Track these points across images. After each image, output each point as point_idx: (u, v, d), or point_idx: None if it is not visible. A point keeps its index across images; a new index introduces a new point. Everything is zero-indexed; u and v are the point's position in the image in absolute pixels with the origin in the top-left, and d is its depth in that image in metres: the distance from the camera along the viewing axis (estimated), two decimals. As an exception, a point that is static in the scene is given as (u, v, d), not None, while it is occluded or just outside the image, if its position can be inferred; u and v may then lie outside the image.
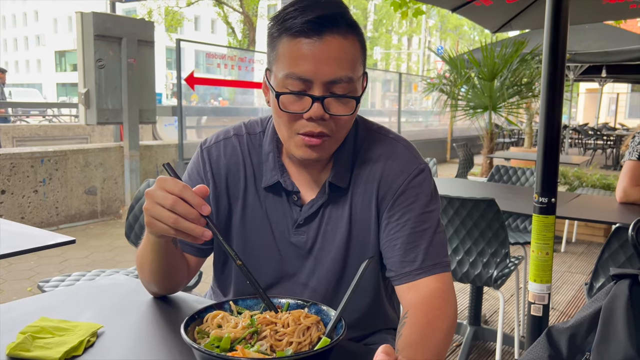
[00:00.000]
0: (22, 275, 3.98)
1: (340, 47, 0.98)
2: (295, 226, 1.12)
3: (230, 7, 23.43)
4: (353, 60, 1.00)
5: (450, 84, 6.70)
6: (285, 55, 0.99)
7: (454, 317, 1.02)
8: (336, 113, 1.00)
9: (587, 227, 5.33)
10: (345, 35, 0.98)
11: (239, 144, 1.15)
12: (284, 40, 0.99)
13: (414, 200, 1.08)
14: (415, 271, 1.04)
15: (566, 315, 3.48)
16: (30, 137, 8.84)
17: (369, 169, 1.11)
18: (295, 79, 0.97)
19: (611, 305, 0.90)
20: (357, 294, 1.13)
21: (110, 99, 5.49)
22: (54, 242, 1.74)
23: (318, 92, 0.98)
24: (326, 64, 0.96)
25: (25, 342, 0.90)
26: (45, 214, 5.29)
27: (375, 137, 1.15)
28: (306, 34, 0.96)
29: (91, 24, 5.22)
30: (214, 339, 0.82)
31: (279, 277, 1.15)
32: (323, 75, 0.97)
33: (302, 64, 0.97)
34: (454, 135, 12.88)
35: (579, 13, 3.34)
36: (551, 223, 1.84)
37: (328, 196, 1.10)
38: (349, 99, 1.00)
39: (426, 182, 1.11)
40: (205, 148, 1.17)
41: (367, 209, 1.10)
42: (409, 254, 1.05)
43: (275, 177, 1.11)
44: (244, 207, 1.14)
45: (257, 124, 1.19)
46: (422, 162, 1.12)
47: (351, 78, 0.99)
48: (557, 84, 1.80)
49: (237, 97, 9.55)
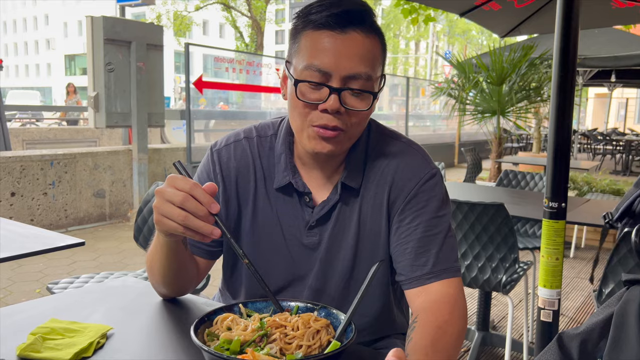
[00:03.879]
0: (31, 277, 4.01)
1: (362, 44, 0.99)
2: (307, 228, 1.12)
3: (238, 11, 23.54)
4: (373, 59, 1.01)
5: (458, 89, 6.69)
6: (307, 46, 1.00)
7: (464, 321, 1.01)
8: (352, 107, 1.00)
9: (597, 233, 5.29)
10: (368, 34, 1.00)
11: (249, 146, 1.16)
12: (307, 32, 1.00)
13: (425, 204, 1.08)
14: (426, 275, 1.04)
15: (575, 321, 3.45)
16: (40, 140, 8.93)
17: (380, 172, 1.11)
18: (315, 70, 0.98)
19: (623, 312, 0.89)
20: (367, 298, 1.13)
21: (120, 103, 5.52)
22: (63, 244, 1.74)
23: (336, 84, 0.98)
24: (347, 58, 0.97)
25: (36, 343, 0.91)
26: (55, 216, 5.33)
27: (388, 140, 1.15)
28: (330, 27, 0.98)
29: (101, 28, 5.26)
30: (224, 342, 0.82)
31: (289, 279, 1.14)
32: (342, 69, 0.98)
33: (323, 56, 0.98)
34: (462, 139, 12.84)
35: (589, 18, 3.32)
36: (561, 228, 1.83)
37: (340, 196, 1.10)
38: (366, 95, 1.01)
39: (437, 186, 1.11)
40: (216, 150, 1.17)
41: (378, 212, 1.10)
42: (419, 258, 1.05)
43: (287, 178, 1.11)
44: (254, 210, 1.13)
45: (268, 126, 1.19)
46: (433, 167, 1.13)
47: (370, 76, 1.00)
48: (567, 88, 1.79)
49: (245, 101, 9.59)
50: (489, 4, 3.34)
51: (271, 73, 8.12)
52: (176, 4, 25.25)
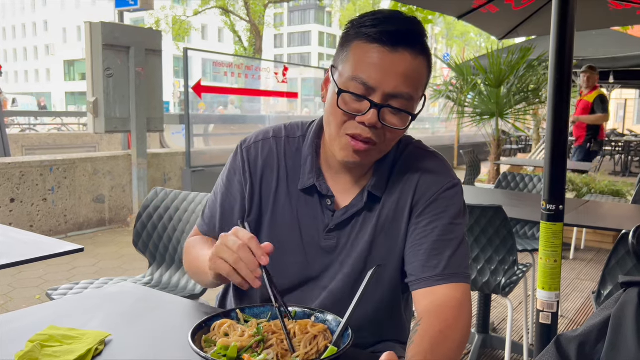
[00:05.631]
0: (31, 284, 4.00)
1: (409, 64, 1.00)
2: (326, 231, 1.13)
3: (237, 15, 23.60)
4: (418, 80, 1.03)
5: (457, 91, 6.70)
6: (356, 57, 1.01)
7: (468, 328, 1.01)
8: (389, 124, 1.02)
9: (596, 234, 5.28)
10: (417, 55, 1.01)
11: (276, 145, 1.18)
12: (359, 42, 1.02)
13: (444, 210, 1.10)
14: (435, 277, 1.05)
15: (575, 323, 3.44)
16: (39, 145, 8.92)
17: (405, 179, 1.13)
18: (360, 83, 1.00)
19: (620, 314, 0.89)
20: (373, 303, 1.13)
21: (119, 108, 5.53)
22: (62, 251, 1.75)
23: (378, 100, 1.00)
24: (392, 76, 0.99)
25: (34, 350, 0.91)
26: (54, 222, 5.33)
27: (415, 150, 1.18)
28: (381, 43, 0.99)
29: (100, 33, 5.27)
30: (221, 348, 0.82)
31: (302, 279, 1.15)
32: (387, 86, 0.99)
33: (369, 71, 0.99)
34: (461, 141, 12.84)
35: (586, 19, 3.33)
36: (559, 230, 1.83)
37: (365, 204, 1.12)
38: (405, 115, 1.03)
39: (458, 196, 1.13)
40: (245, 147, 1.20)
41: (399, 217, 1.12)
42: (432, 259, 1.07)
43: (312, 180, 1.13)
44: (274, 208, 1.16)
45: (297, 127, 1.22)
46: (456, 178, 1.16)
47: (412, 96, 1.02)
48: (564, 90, 1.80)
49: (245, 105, 9.59)
50: (486, 6, 3.35)
51: (270, 77, 8.13)
52: (175, 9, 25.32)
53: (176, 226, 2.32)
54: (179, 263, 2.30)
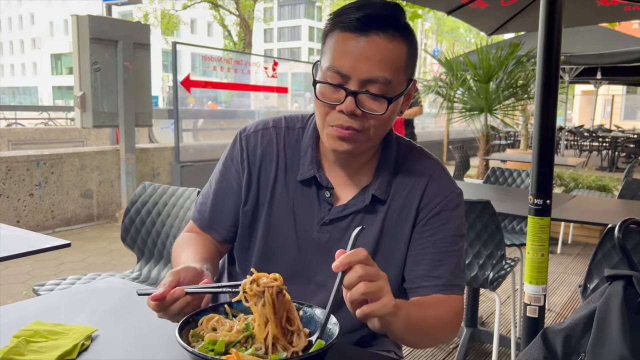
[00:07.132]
0: (17, 279, 3.97)
1: (383, 48, 0.99)
2: (320, 224, 1.13)
3: (226, 9, 23.46)
4: (395, 63, 1.01)
5: (447, 86, 6.71)
6: (331, 48, 1.02)
7: (453, 335, 1.10)
8: (368, 110, 1.01)
9: (583, 229, 5.34)
10: (391, 38, 1.00)
11: (275, 135, 1.18)
12: (334, 33, 1.02)
13: (447, 221, 1.12)
14: (439, 287, 1.08)
15: (562, 316, 3.48)
16: (25, 140, 8.83)
17: (410, 186, 1.14)
18: (335, 72, 1.00)
19: (605, 307, 0.90)
20: None
21: (107, 102, 5.48)
22: (49, 246, 1.73)
23: (354, 87, 1.00)
24: (365, 62, 0.99)
25: (19, 346, 0.90)
26: (41, 218, 5.27)
27: (417, 156, 1.18)
28: (353, 30, 0.99)
29: (87, 27, 5.21)
30: (209, 342, 0.81)
31: (294, 271, 1.14)
32: (360, 73, 0.99)
33: (343, 59, 1.00)
34: (450, 137, 12.90)
35: (574, 15, 3.35)
36: (546, 225, 1.84)
37: (366, 205, 1.12)
38: (383, 99, 1.01)
39: (459, 207, 1.15)
40: (244, 136, 1.20)
41: (403, 225, 1.13)
42: (435, 270, 1.09)
43: (312, 171, 1.13)
44: (271, 199, 1.16)
45: (297, 119, 1.22)
46: (458, 188, 1.17)
47: (389, 80, 1.00)
48: (551, 85, 1.81)
49: (234, 100, 9.54)
50: (475, 2, 3.36)
51: (259, 72, 8.10)
52: (163, 3, 25.09)
53: (164, 221, 2.31)
54: (168, 258, 2.29)
